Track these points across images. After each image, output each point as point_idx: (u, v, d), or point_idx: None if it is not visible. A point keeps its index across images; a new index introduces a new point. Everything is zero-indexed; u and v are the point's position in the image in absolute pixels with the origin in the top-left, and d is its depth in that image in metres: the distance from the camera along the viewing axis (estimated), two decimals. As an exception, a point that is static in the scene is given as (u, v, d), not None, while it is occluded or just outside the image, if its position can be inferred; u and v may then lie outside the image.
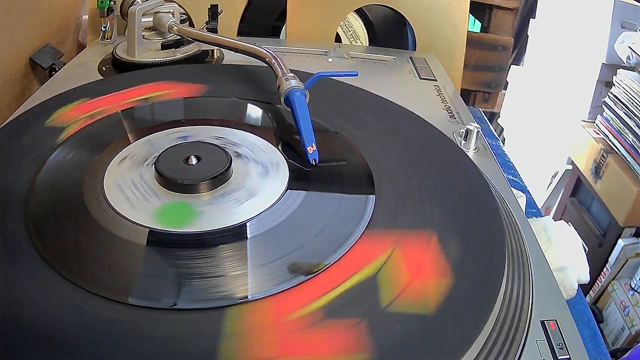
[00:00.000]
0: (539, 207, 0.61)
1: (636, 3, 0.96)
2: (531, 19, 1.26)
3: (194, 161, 0.32)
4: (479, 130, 0.42)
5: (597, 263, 0.93)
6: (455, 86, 0.55)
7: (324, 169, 0.34)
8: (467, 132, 0.42)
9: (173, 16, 0.52)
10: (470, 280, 0.27)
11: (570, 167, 1.09)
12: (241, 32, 0.65)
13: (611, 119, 0.93)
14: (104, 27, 0.59)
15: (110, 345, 0.22)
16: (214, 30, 0.53)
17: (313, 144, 0.34)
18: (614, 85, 0.92)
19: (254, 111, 0.41)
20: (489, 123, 0.85)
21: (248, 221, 0.29)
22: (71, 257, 0.26)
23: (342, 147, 0.37)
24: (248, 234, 0.28)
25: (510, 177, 0.63)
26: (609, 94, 0.94)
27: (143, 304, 0.24)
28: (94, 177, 0.32)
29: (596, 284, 0.94)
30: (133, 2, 0.55)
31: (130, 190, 0.31)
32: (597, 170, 0.95)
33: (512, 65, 1.31)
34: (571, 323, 0.27)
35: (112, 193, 0.31)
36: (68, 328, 0.23)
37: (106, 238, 0.28)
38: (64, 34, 0.65)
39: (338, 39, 0.67)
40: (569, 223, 0.45)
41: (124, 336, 0.23)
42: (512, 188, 0.39)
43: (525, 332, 0.26)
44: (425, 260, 0.28)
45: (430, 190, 0.33)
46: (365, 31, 0.67)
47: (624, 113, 0.89)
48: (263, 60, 0.44)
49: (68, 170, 0.33)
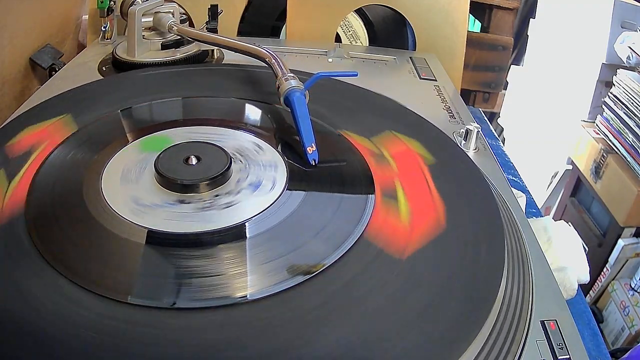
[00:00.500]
0: (539, 207, 0.61)
1: (636, 3, 0.96)
2: (531, 19, 1.25)
3: (194, 161, 0.32)
4: (479, 130, 0.42)
5: (597, 263, 0.93)
6: (455, 86, 0.55)
7: (324, 169, 0.34)
8: (467, 132, 0.42)
9: (173, 16, 0.52)
10: (470, 280, 0.27)
11: (570, 167, 1.09)
12: (241, 32, 0.65)
13: (611, 119, 0.93)
14: (104, 27, 0.59)
15: (109, 344, 0.22)
16: (214, 30, 0.53)
17: (313, 144, 0.34)
18: (614, 85, 0.92)
19: (254, 111, 0.41)
20: (489, 123, 0.85)
21: (247, 221, 0.29)
22: (71, 257, 0.26)
23: (342, 147, 0.37)
24: (247, 234, 0.28)
25: (510, 177, 0.63)
26: (609, 94, 0.94)
27: (142, 303, 0.24)
28: (94, 177, 0.32)
29: (596, 284, 0.94)
30: (133, 2, 0.55)
31: (130, 189, 0.31)
32: (597, 170, 0.95)
33: (512, 65, 1.31)
34: (571, 323, 0.27)
35: (112, 193, 0.31)
36: (68, 327, 0.23)
37: (106, 237, 0.28)
38: (64, 34, 0.65)
39: (338, 39, 0.67)
40: (569, 223, 0.45)
41: (124, 335, 0.23)
42: (512, 188, 0.39)
43: (525, 332, 0.26)
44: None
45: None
46: (365, 31, 0.67)
47: (624, 113, 0.89)
48: (263, 60, 0.44)
49: (68, 170, 0.33)
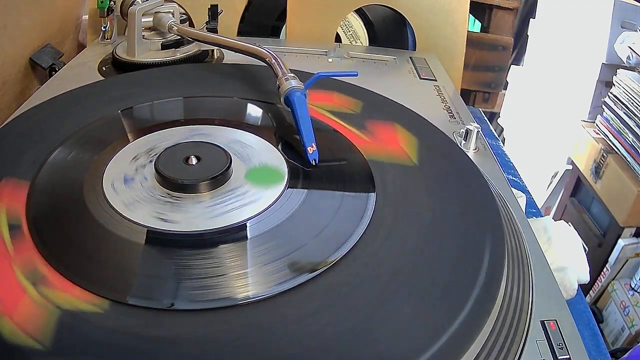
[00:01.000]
0: (539, 207, 0.61)
1: (636, 3, 0.96)
2: (531, 19, 1.26)
3: (194, 161, 0.32)
4: (479, 130, 0.42)
5: (597, 263, 0.93)
6: (455, 86, 0.55)
7: (324, 169, 0.34)
8: (467, 132, 0.42)
9: (173, 16, 0.52)
10: (470, 280, 0.27)
11: (570, 167, 1.09)
12: (241, 32, 0.65)
13: (611, 119, 0.93)
14: (104, 27, 0.59)
15: (109, 344, 0.22)
16: (214, 30, 0.53)
17: (313, 144, 0.34)
18: (614, 85, 0.92)
19: (254, 111, 0.41)
20: (489, 123, 0.85)
21: (248, 221, 0.29)
22: (71, 257, 0.26)
23: (343, 147, 0.37)
24: (248, 234, 0.28)
25: (510, 177, 0.63)
26: (609, 94, 0.94)
27: (142, 304, 0.24)
28: (94, 177, 0.32)
29: (596, 284, 0.94)
30: (133, 2, 0.55)
31: (130, 189, 0.31)
32: (597, 170, 0.95)
33: (512, 65, 1.31)
34: (571, 323, 0.27)
35: (112, 192, 0.31)
36: (67, 327, 0.23)
37: (106, 237, 0.28)
38: (64, 34, 0.65)
39: (338, 39, 0.67)
40: (569, 223, 0.45)
41: (122, 335, 0.23)
42: (512, 188, 0.39)
43: (525, 332, 0.26)
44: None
45: (430, 190, 0.33)
46: (365, 31, 0.67)
47: (624, 113, 0.89)
48: (263, 60, 0.44)
49: (68, 169, 0.33)
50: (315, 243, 0.28)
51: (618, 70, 0.92)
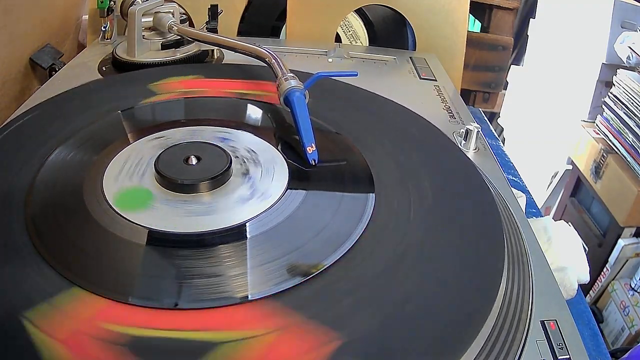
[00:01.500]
0: (539, 207, 0.61)
1: (636, 3, 0.96)
2: (531, 19, 1.26)
3: (194, 161, 0.32)
4: (479, 130, 0.42)
5: (597, 263, 0.93)
6: (455, 86, 0.55)
7: (324, 169, 0.34)
8: (467, 132, 0.42)
9: (173, 16, 0.52)
10: (470, 280, 0.27)
11: (570, 167, 1.09)
12: (241, 32, 0.65)
13: (611, 119, 0.93)
14: (104, 27, 0.59)
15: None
16: (214, 30, 0.53)
17: (312, 144, 0.34)
18: (614, 85, 0.92)
19: (254, 111, 0.41)
20: (489, 123, 0.85)
21: (248, 221, 0.29)
22: (71, 257, 0.26)
23: (342, 147, 0.37)
24: (248, 234, 0.28)
25: (510, 177, 0.63)
26: (609, 94, 0.94)
27: (143, 304, 0.24)
28: (94, 177, 0.32)
29: (596, 284, 0.94)
30: (133, 2, 0.55)
31: (130, 190, 0.31)
32: (597, 170, 0.95)
33: (512, 65, 1.31)
34: (571, 323, 0.27)
35: (112, 193, 0.31)
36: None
37: (106, 238, 0.28)
38: (64, 34, 0.65)
39: (338, 39, 0.67)
40: (569, 223, 0.45)
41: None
42: (512, 188, 0.39)
43: (525, 332, 0.26)
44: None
45: (430, 190, 0.33)
46: (365, 31, 0.67)
47: (624, 113, 0.89)
48: (263, 60, 0.44)
49: (68, 170, 0.33)
50: (314, 244, 0.28)
51: (618, 70, 0.92)
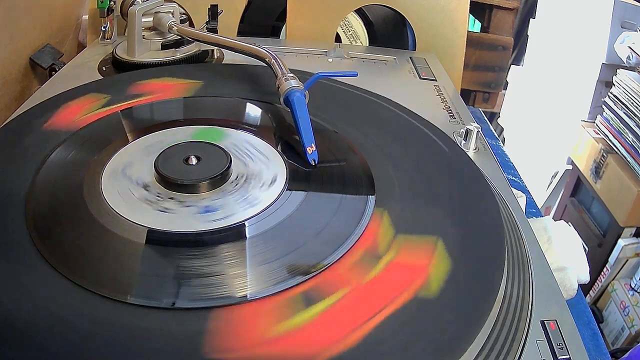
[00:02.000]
0: (539, 207, 0.61)
1: (636, 3, 0.96)
2: (531, 19, 1.26)
3: (194, 161, 0.32)
4: (479, 130, 0.42)
5: (597, 263, 0.93)
6: (455, 86, 0.55)
7: (324, 169, 0.34)
8: (467, 132, 0.42)
9: (173, 16, 0.52)
10: (470, 280, 0.27)
11: (570, 167, 1.09)
12: (241, 32, 0.65)
13: (611, 119, 0.93)
14: (104, 27, 0.59)
15: (109, 344, 0.22)
16: (214, 30, 0.53)
17: (312, 144, 0.34)
18: (614, 85, 0.92)
19: (254, 111, 0.41)
20: (489, 123, 0.85)
21: (247, 221, 0.29)
22: (71, 256, 0.26)
23: (342, 147, 0.37)
24: (247, 234, 0.28)
25: (510, 177, 0.63)
26: (609, 94, 0.94)
27: (142, 303, 0.24)
28: (94, 177, 0.32)
29: (596, 284, 0.94)
30: (133, 2, 0.55)
31: (130, 189, 0.31)
32: (597, 170, 0.95)
33: (512, 65, 1.31)
34: (571, 323, 0.27)
35: (112, 192, 0.31)
36: (67, 327, 0.23)
37: (106, 237, 0.28)
38: (64, 34, 0.65)
39: (338, 39, 0.67)
40: (569, 223, 0.45)
41: (124, 335, 0.23)
42: (512, 188, 0.39)
43: (525, 332, 0.26)
44: (424, 260, 0.28)
45: (430, 190, 0.33)
46: (365, 31, 0.67)
47: (624, 113, 0.89)
48: (263, 60, 0.44)
49: (68, 169, 0.33)
50: (313, 244, 0.28)
51: (618, 70, 0.92)
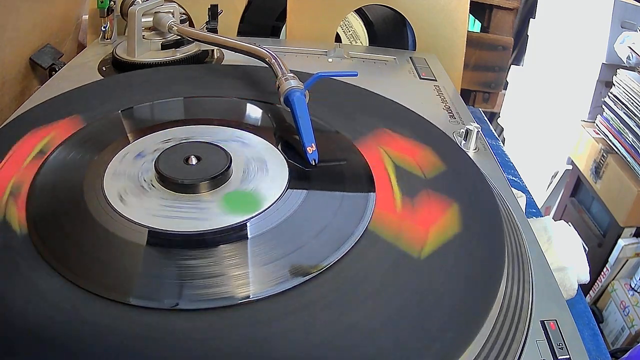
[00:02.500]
0: (539, 207, 0.61)
1: (636, 3, 0.96)
2: (531, 19, 1.26)
3: (194, 161, 0.32)
4: (479, 130, 0.42)
5: (597, 263, 0.93)
6: (455, 86, 0.55)
7: (324, 169, 0.34)
8: (467, 132, 0.42)
9: (173, 16, 0.52)
10: (470, 279, 0.27)
11: (570, 167, 1.09)
12: (241, 32, 0.65)
13: (611, 119, 0.93)
14: (104, 27, 0.59)
15: (110, 345, 0.22)
16: (214, 30, 0.53)
17: (313, 144, 0.34)
18: (614, 85, 0.92)
19: (254, 111, 0.41)
20: (489, 123, 0.85)
21: (248, 221, 0.29)
22: (71, 257, 0.26)
23: (342, 147, 0.37)
24: (249, 234, 0.28)
25: (510, 177, 0.63)
26: (609, 94, 0.94)
27: (143, 304, 0.24)
28: (94, 177, 0.32)
29: (596, 284, 0.94)
30: (133, 2, 0.55)
31: (130, 190, 0.31)
32: (597, 170, 0.95)
33: (512, 65, 1.31)
34: (571, 323, 0.27)
35: (112, 193, 0.31)
36: (67, 328, 0.23)
37: (106, 238, 0.28)
38: (64, 34, 0.65)
39: (338, 39, 0.67)
40: (569, 223, 0.45)
41: (124, 336, 0.23)
42: (512, 188, 0.39)
43: (525, 332, 0.26)
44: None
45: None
46: (365, 31, 0.67)
47: (624, 113, 0.89)
48: (263, 60, 0.44)
49: (68, 170, 0.33)
50: (314, 243, 0.28)
51: (618, 70, 0.92)
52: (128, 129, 0.38)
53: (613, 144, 0.93)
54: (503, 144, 0.80)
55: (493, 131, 0.80)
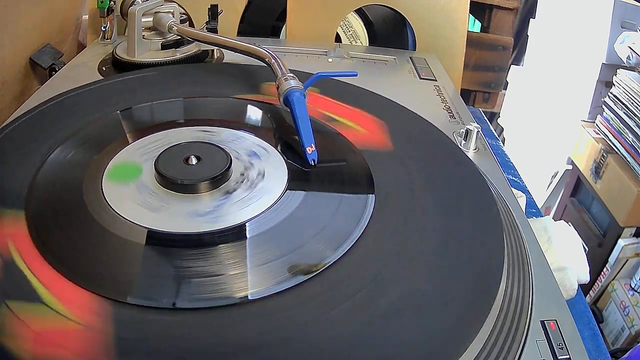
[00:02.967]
0: (539, 207, 0.61)
1: (636, 3, 0.96)
2: (531, 19, 1.26)
3: (194, 161, 0.32)
4: (479, 130, 0.42)
5: (597, 263, 0.93)
6: (455, 86, 0.55)
7: (324, 169, 0.34)
8: (467, 132, 0.42)
9: (173, 16, 0.52)
10: (470, 280, 0.27)
11: (570, 167, 1.09)
12: (241, 32, 0.65)
13: (611, 119, 0.93)
14: (104, 27, 0.59)
15: (109, 345, 0.22)
16: (214, 30, 0.53)
17: (312, 145, 0.34)
18: (614, 85, 0.92)
19: (254, 111, 0.41)
20: (489, 123, 0.85)
21: (248, 221, 0.29)
22: (70, 257, 0.26)
23: (342, 147, 0.37)
24: (247, 234, 0.28)
25: (510, 177, 0.63)
26: (609, 94, 0.94)
27: (142, 304, 0.24)
28: (94, 177, 0.32)
29: (596, 284, 0.94)
30: (133, 2, 0.55)
31: (130, 190, 0.31)
32: (597, 170, 0.95)
33: (512, 65, 1.31)
34: (571, 323, 0.27)
35: (112, 193, 0.31)
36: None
37: (105, 237, 0.28)
38: (64, 34, 0.65)
39: (338, 39, 0.67)
40: (569, 223, 0.45)
41: (124, 336, 0.23)
42: (512, 188, 0.39)
43: (525, 332, 0.26)
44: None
45: (430, 190, 0.33)
46: (365, 31, 0.67)
47: (624, 113, 0.89)
48: (263, 60, 0.44)
49: (68, 169, 0.33)
50: (314, 244, 0.28)
51: (618, 70, 0.92)
52: (127, 130, 0.38)
53: (613, 144, 0.93)
54: (503, 144, 0.80)
55: (493, 131, 0.80)
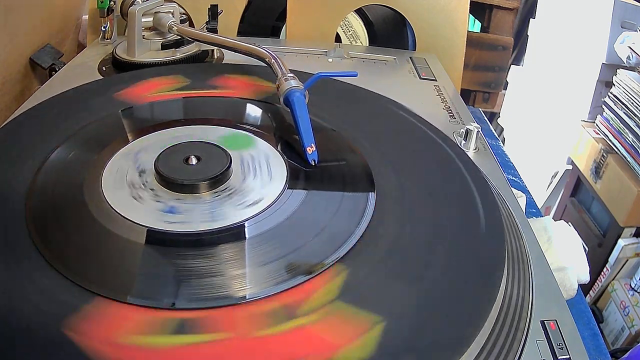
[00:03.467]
0: (539, 207, 0.61)
1: (636, 3, 0.96)
2: (531, 19, 1.26)
3: (194, 161, 0.32)
4: (479, 130, 0.42)
5: (597, 263, 0.93)
6: (455, 86, 0.55)
7: (324, 169, 0.34)
8: (467, 132, 0.42)
9: (173, 16, 0.52)
10: (470, 280, 0.27)
11: (570, 167, 1.09)
12: (241, 32, 0.65)
13: (611, 119, 0.93)
14: (104, 27, 0.59)
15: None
16: (214, 30, 0.53)
17: (312, 145, 0.34)
18: (614, 85, 0.92)
19: (254, 111, 0.41)
20: (489, 123, 0.85)
21: (247, 221, 0.29)
22: (70, 256, 0.26)
23: (342, 147, 0.37)
24: (247, 234, 0.28)
25: (510, 177, 0.63)
26: (609, 94, 0.94)
27: (141, 303, 0.24)
28: (94, 177, 0.32)
29: (596, 284, 0.94)
30: (133, 2, 0.55)
31: (129, 189, 0.31)
32: (597, 170, 0.95)
33: (512, 65, 1.31)
34: (571, 323, 0.27)
35: (112, 192, 0.31)
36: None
37: (105, 237, 0.28)
38: (64, 34, 0.65)
39: (338, 39, 0.67)
40: (569, 223, 0.45)
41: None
42: (512, 188, 0.39)
43: (525, 332, 0.26)
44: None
45: (430, 190, 0.33)
46: (365, 31, 0.67)
47: (624, 113, 0.89)
48: (263, 60, 0.44)
49: (68, 169, 0.33)
50: (314, 243, 0.28)
51: (618, 70, 0.92)
52: (128, 129, 0.38)
53: (613, 144, 0.93)
54: (503, 144, 0.80)
55: (493, 131, 0.80)
